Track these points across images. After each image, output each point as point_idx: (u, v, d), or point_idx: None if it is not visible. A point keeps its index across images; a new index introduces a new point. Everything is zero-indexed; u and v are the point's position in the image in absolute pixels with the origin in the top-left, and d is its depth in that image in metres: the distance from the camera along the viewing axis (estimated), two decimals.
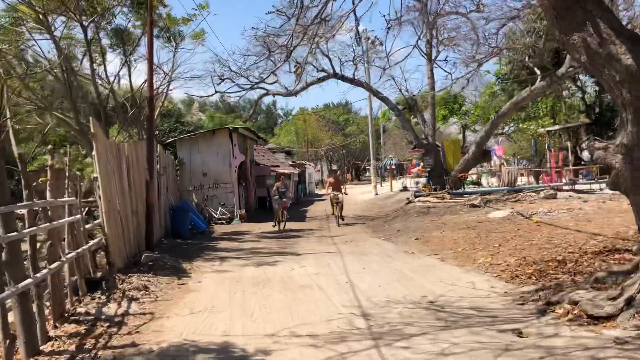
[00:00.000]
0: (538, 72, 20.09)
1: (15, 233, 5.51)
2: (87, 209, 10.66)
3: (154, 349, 5.80)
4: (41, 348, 5.68)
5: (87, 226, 9.04)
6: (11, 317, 5.39)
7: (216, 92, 20.21)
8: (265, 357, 5.41)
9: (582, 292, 5.99)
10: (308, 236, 16.25)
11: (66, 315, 6.89)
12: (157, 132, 24.18)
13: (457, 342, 5.33)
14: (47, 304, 6.55)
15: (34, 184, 6.67)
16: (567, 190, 19.00)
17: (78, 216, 8.25)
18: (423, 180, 40.85)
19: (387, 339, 5.67)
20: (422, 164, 41.89)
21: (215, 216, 21.72)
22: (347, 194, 20.02)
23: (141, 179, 12.36)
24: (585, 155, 22.91)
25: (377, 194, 39.16)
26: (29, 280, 5.59)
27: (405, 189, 37.08)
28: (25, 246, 6.09)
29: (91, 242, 8.90)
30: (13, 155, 16.56)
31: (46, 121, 20.74)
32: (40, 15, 16.55)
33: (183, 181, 22.25)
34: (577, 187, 19.51)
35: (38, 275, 5.88)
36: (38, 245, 6.55)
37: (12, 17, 17.26)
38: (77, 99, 18.35)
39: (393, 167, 41.26)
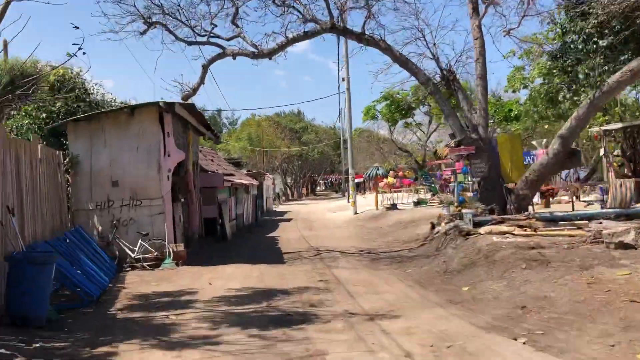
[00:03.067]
0: None
1: None
2: None
3: None
4: None
5: None
6: None
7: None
8: None
9: None
10: (320, 317, 7.48)
11: None
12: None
13: None
14: None
15: None
16: None
17: None
18: (421, 195, 33.29)
19: None
20: (416, 176, 33.79)
21: (132, 255, 12.64)
22: None
23: None
24: None
25: (357, 213, 30.79)
26: None
27: (394, 206, 28.89)
28: None
29: None
30: None
31: None
32: None
33: (78, 194, 13.09)
34: None
35: None
36: None
37: None
38: None
39: (381, 177, 32.98)
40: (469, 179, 28.70)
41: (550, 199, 16.41)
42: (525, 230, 11.23)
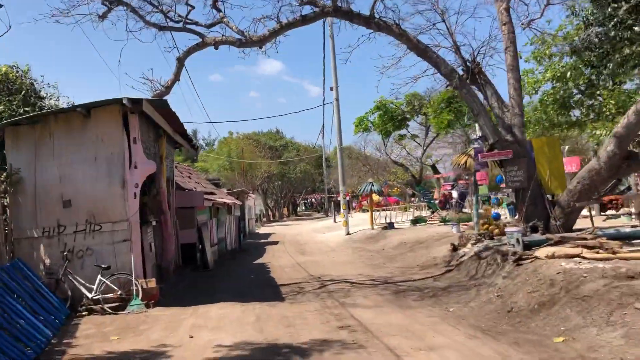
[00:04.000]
0: None
1: None
2: None
3: None
4: None
5: None
6: None
7: None
8: None
9: None
10: None
11: None
12: None
13: None
14: None
15: None
16: None
17: None
18: (416, 212, 30.37)
19: None
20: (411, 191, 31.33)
21: (90, 295, 9.78)
22: None
23: None
24: None
25: (349, 233, 28.16)
26: None
27: (390, 225, 26.34)
28: None
29: None
30: None
31: None
32: None
33: (19, 218, 10.24)
34: None
35: None
36: None
37: None
38: None
39: (377, 194, 30.45)
40: (485, 193, 26.31)
41: (615, 211, 14.03)
42: (598, 252, 8.72)
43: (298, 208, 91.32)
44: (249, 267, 17.12)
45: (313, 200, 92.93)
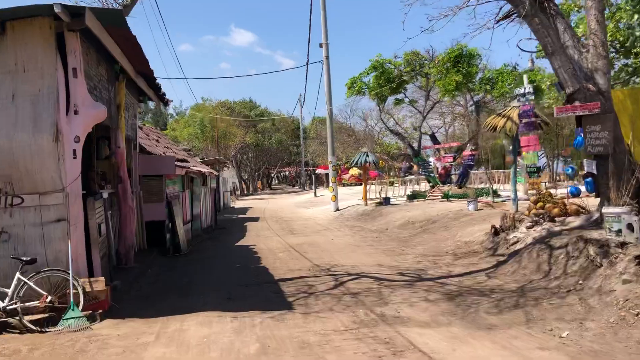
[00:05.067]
0: None
1: None
2: None
3: None
4: None
5: None
6: None
7: None
8: None
9: None
10: None
11: None
12: None
13: None
14: None
15: None
16: None
17: None
18: (408, 187, 26.83)
19: None
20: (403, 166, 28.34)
21: (2, 304, 6.46)
22: None
23: None
24: None
25: (339, 209, 25.16)
26: None
27: (386, 201, 23.40)
28: None
29: None
30: None
31: None
32: None
33: None
34: None
35: None
36: None
37: None
38: None
39: (374, 166, 27.35)
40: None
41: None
42: None
43: (272, 181, 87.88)
44: (231, 251, 13.90)
45: (287, 173, 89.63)
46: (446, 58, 22.25)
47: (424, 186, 31.30)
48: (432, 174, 24.85)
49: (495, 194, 20.55)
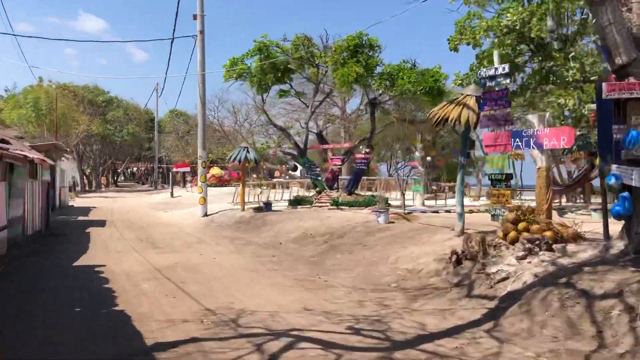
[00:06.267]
0: None
1: None
2: None
3: None
4: None
5: None
6: None
7: None
8: None
9: None
10: None
11: None
12: None
13: None
14: None
15: None
16: None
17: None
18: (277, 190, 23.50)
19: None
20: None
21: None
22: None
23: None
24: None
25: (207, 214, 21.17)
26: None
27: (267, 206, 19.89)
28: None
29: None
30: None
31: None
32: None
33: None
34: None
35: None
36: None
37: None
38: None
39: (255, 164, 23.44)
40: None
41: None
42: None
43: (119, 178, 79.39)
44: (69, 278, 9.42)
45: (136, 169, 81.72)
46: (344, 46, 19.43)
47: (297, 190, 28.41)
48: (319, 178, 21.87)
49: (386, 202, 18.17)
